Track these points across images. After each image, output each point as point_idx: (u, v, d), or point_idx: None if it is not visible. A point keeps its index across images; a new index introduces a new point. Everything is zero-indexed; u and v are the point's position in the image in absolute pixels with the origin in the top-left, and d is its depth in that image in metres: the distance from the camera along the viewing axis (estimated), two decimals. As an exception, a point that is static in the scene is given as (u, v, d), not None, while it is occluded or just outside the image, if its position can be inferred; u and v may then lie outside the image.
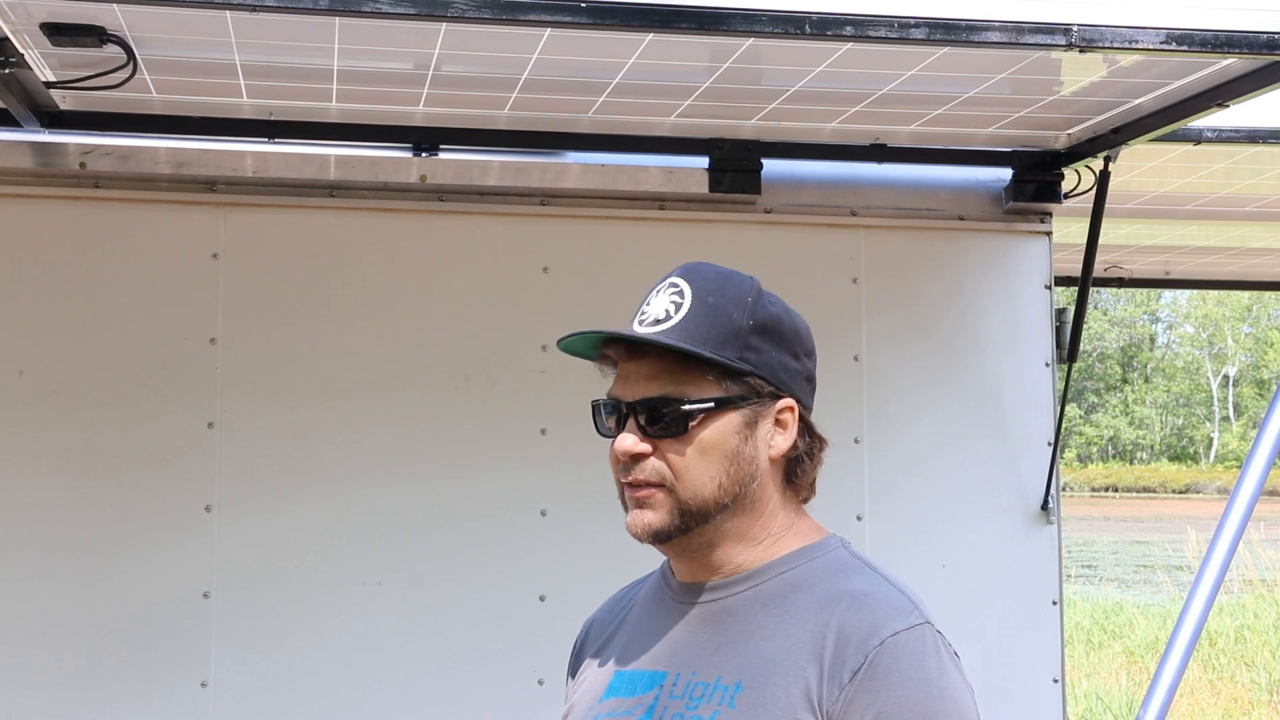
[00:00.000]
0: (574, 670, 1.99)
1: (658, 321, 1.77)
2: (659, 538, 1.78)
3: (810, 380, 1.86)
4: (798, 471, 1.84)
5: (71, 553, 3.59)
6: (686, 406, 1.75)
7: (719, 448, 1.76)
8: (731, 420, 1.77)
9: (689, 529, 1.77)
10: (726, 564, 1.81)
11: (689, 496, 1.76)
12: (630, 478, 1.77)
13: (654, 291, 1.82)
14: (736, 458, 1.77)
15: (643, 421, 1.76)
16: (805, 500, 1.87)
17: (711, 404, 1.76)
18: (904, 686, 1.65)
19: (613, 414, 1.81)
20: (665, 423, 1.75)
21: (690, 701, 1.73)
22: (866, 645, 1.67)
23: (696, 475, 1.76)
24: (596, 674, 1.89)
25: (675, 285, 1.80)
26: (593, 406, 1.85)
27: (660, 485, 1.76)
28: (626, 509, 1.80)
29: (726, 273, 1.83)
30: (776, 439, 1.81)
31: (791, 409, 1.81)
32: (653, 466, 1.76)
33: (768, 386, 1.79)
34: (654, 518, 1.77)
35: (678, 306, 1.77)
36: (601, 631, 1.97)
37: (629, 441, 1.76)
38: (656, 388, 1.76)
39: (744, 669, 1.72)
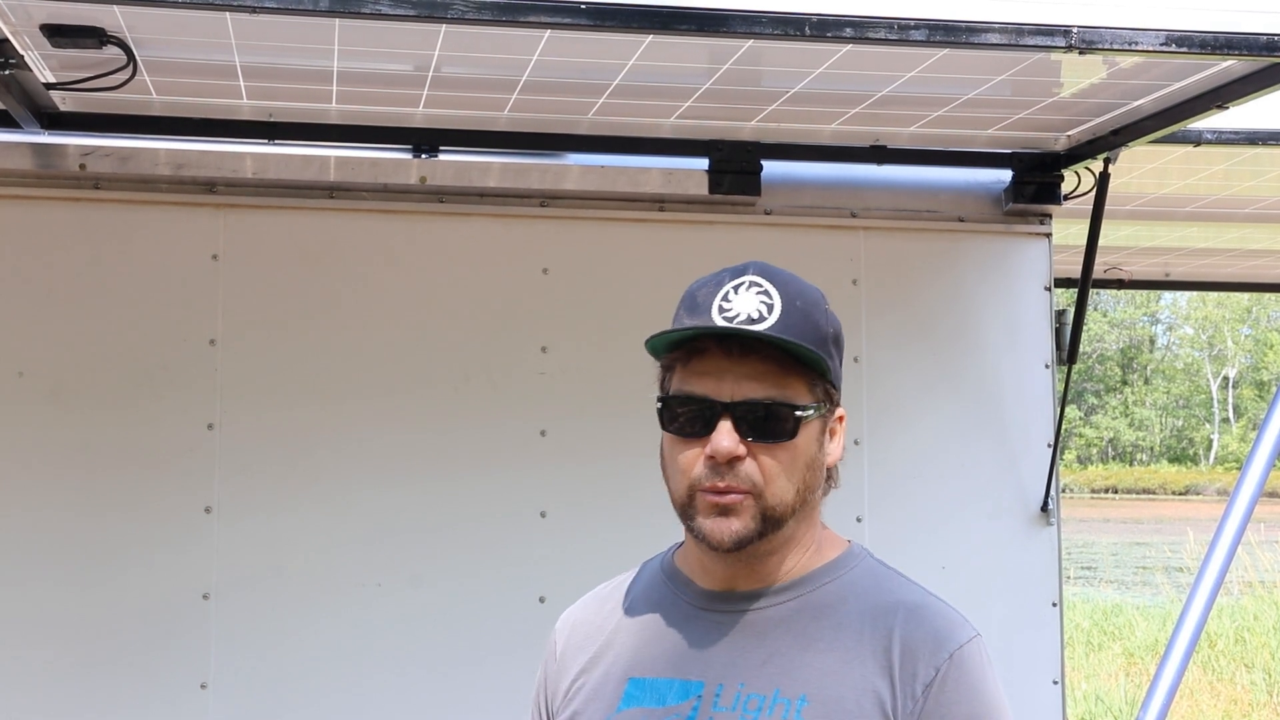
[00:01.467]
0: (557, 676, 1.91)
1: (753, 320, 1.71)
2: (742, 544, 1.72)
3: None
4: (830, 478, 1.83)
5: (71, 554, 3.59)
6: (799, 412, 1.72)
7: (806, 454, 1.74)
8: (816, 427, 1.76)
9: (765, 535, 1.74)
10: (775, 572, 1.78)
11: (776, 503, 1.72)
12: (724, 483, 1.70)
13: (728, 285, 1.74)
14: (813, 465, 1.76)
15: (743, 423, 1.70)
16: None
17: (812, 410, 1.74)
18: (974, 700, 1.71)
19: (700, 415, 1.72)
20: (772, 426, 1.71)
21: (745, 714, 1.70)
22: (936, 658, 1.70)
23: (785, 483, 1.73)
24: (601, 681, 1.83)
25: (759, 285, 1.74)
26: (667, 402, 1.76)
27: (748, 491, 1.71)
28: (696, 515, 1.73)
29: (796, 277, 1.79)
30: (831, 446, 1.80)
31: (842, 418, 1.82)
32: (746, 472, 1.71)
33: (837, 394, 1.79)
34: (740, 525, 1.71)
35: (769, 308, 1.72)
36: (590, 635, 1.90)
37: (729, 442, 1.69)
38: (761, 390, 1.71)
39: (805, 682, 1.70)
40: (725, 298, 1.73)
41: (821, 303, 1.79)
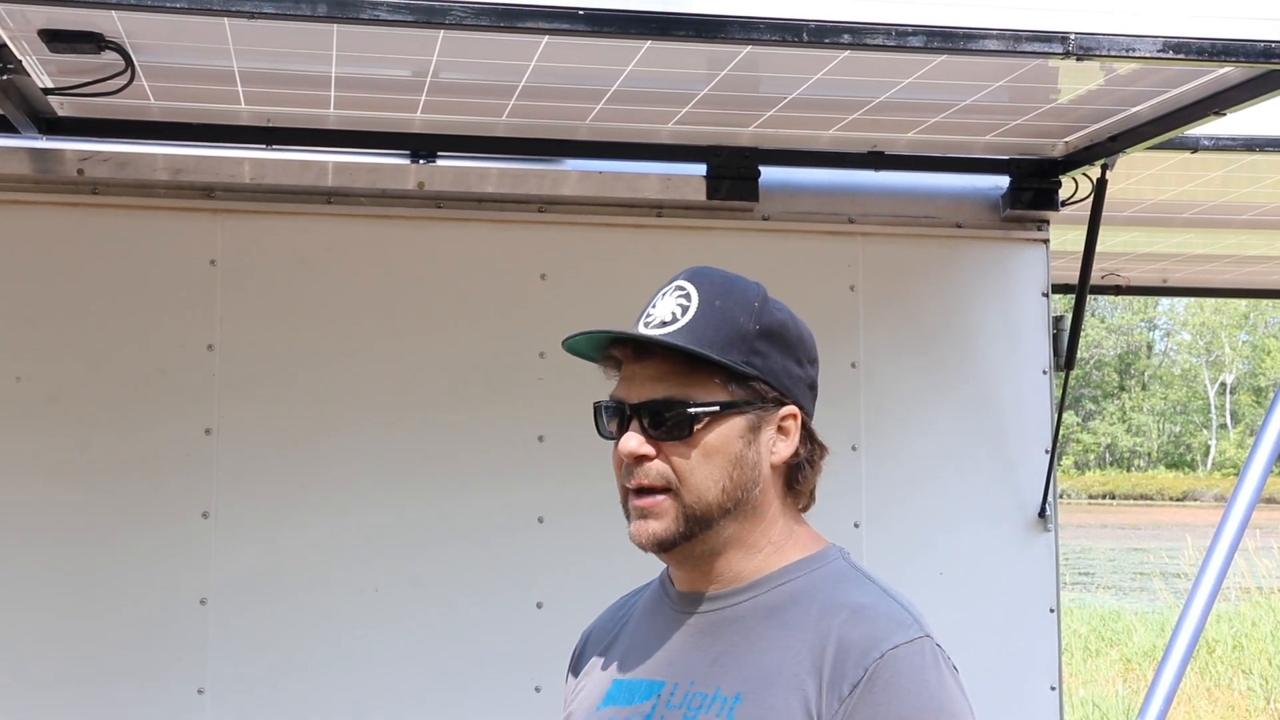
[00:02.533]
0: (571, 680, 1.98)
1: (664, 324, 1.76)
2: (663, 546, 1.76)
3: (813, 388, 1.86)
4: (798, 479, 1.83)
5: (69, 559, 3.58)
6: (692, 409, 1.74)
7: (723, 451, 1.76)
8: (736, 424, 1.77)
9: (692, 535, 1.76)
10: (727, 572, 1.80)
11: (693, 500, 1.75)
12: (634, 481, 1.76)
13: (660, 294, 1.81)
14: (740, 462, 1.77)
15: (647, 423, 1.75)
16: (805, 509, 1.86)
17: (716, 407, 1.75)
18: (903, 701, 1.64)
19: (615, 416, 1.79)
20: (670, 425, 1.75)
21: (688, 712, 1.72)
22: (866, 658, 1.66)
23: (700, 479, 1.75)
24: (595, 682, 1.88)
25: (682, 288, 1.79)
26: (595, 408, 1.84)
27: (665, 490, 1.75)
28: (629, 518, 1.78)
29: (733, 277, 1.83)
30: (779, 445, 1.80)
31: (794, 416, 1.81)
32: (657, 470, 1.75)
33: (771, 392, 1.79)
34: (658, 526, 1.75)
35: (684, 309, 1.77)
36: (601, 640, 1.96)
37: (633, 443, 1.75)
38: (662, 389, 1.76)
39: (744, 680, 1.71)
40: (652, 304, 1.81)
41: (750, 301, 1.80)
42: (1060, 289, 4.60)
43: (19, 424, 3.60)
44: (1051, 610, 4.00)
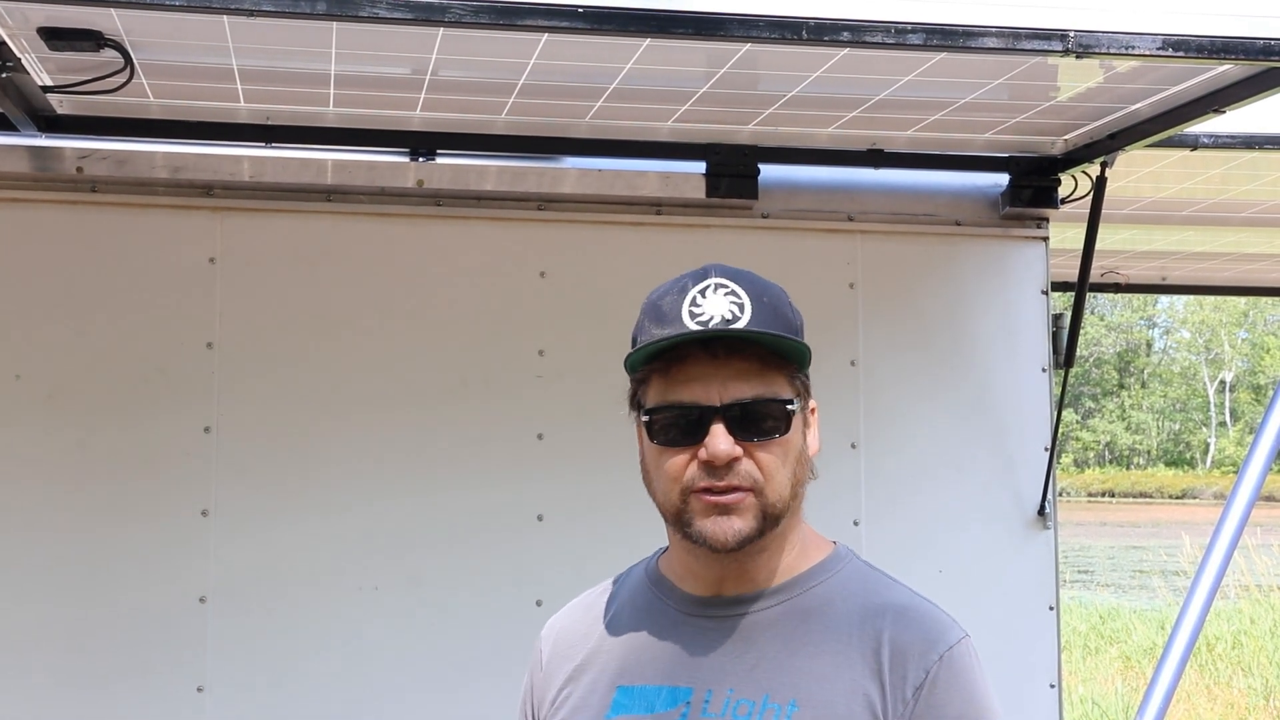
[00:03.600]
0: (544, 686, 1.91)
1: (728, 321, 1.71)
2: (744, 544, 1.72)
3: None
4: (813, 472, 1.83)
5: (67, 557, 3.58)
6: (790, 406, 1.73)
7: (796, 447, 1.76)
8: (800, 420, 1.77)
9: (764, 533, 1.74)
10: (762, 573, 1.78)
11: (775, 499, 1.73)
12: (725, 483, 1.70)
13: (693, 290, 1.74)
14: (802, 458, 1.78)
15: (735, 424, 1.71)
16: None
17: (796, 404, 1.75)
18: (964, 700, 1.70)
19: (681, 420, 1.72)
20: (764, 423, 1.72)
21: (735, 719, 1.70)
22: (926, 660, 1.70)
23: (782, 477, 1.74)
24: (589, 690, 1.82)
25: (725, 286, 1.74)
26: (652, 413, 1.75)
27: (750, 490, 1.72)
28: (693, 519, 1.72)
29: (755, 274, 1.80)
30: (810, 438, 1.81)
31: (814, 409, 1.82)
32: (746, 470, 1.71)
33: (809, 385, 1.80)
34: (743, 524, 1.72)
35: (740, 306, 1.72)
36: (575, 644, 1.89)
37: (725, 444, 1.69)
38: (749, 389, 1.71)
39: (794, 687, 1.70)
40: (694, 303, 1.73)
41: (785, 297, 1.80)
42: (1059, 286, 4.60)
43: (18, 422, 3.60)
44: (1051, 608, 4.00)
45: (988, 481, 4.00)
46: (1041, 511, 4.00)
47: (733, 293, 1.73)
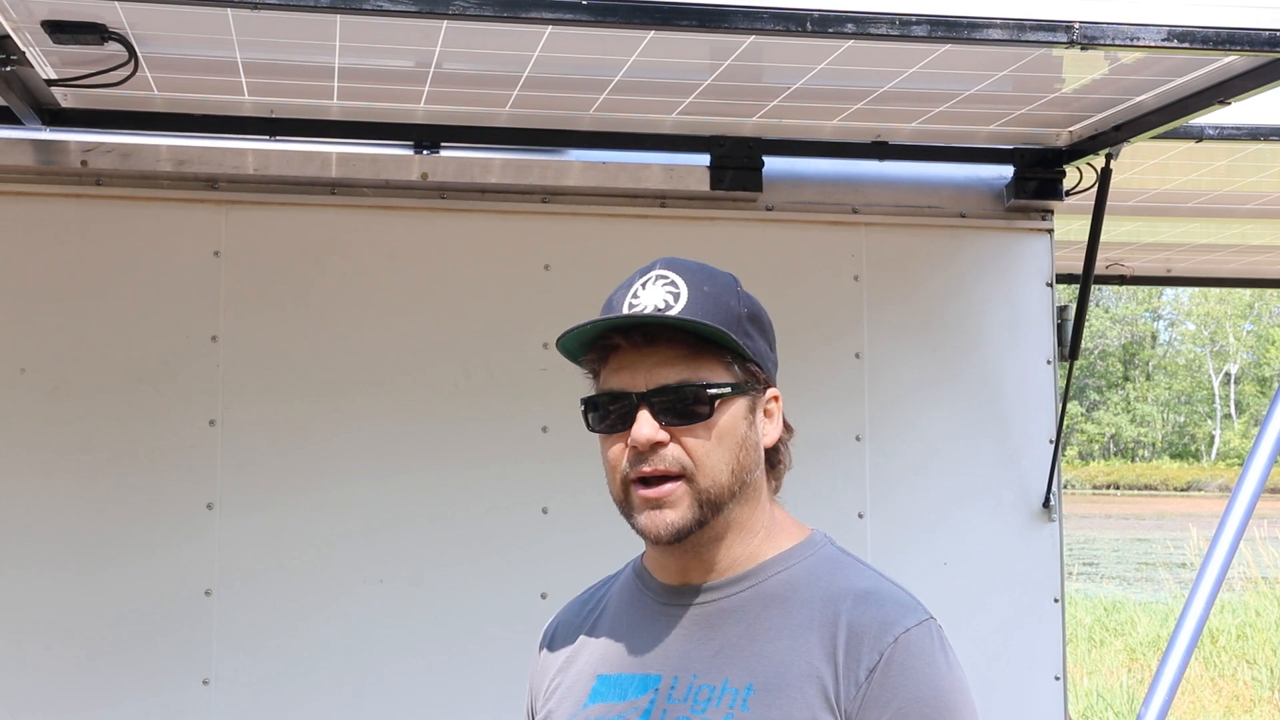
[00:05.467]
0: (540, 678, 1.95)
1: (659, 310, 1.75)
2: (681, 535, 1.74)
3: (776, 369, 1.88)
4: (777, 461, 1.85)
5: (73, 550, 3.59)
6: (712, 390, 1.74)
7: (732, 433, 1.76)
8: (740, 406, 1.78)
9: (705, 521, 1.75)
10: (724, 560, 1.80)
11: (709, 484, 1.74)
12: (650, 468, 1.73)
13: (638, 283, 1.79)
14: (745, 444, 1.78)
15: (660, 410, 1.73)
16: (776, 491, 1.88)
17: (729, 389, 1.76)
18: (920, 683, 1.67)
19: (613, 408, 1.76)
20: (688, 408, 1.73)
21: (696, 705, 1.72)
22: (880, 642, 1.69)
23: (715, 461, 1.74)
24: (575, 680, 1.87)
25: (664, 276, 1.78)
26: (586, 403, 1.80)
27: (679, 476, 1.74)
28: (633, 512, 1.76)
29: (706, 265, 1.83)
30: (767, 428, 1.82)
31: (777, 398, 1.84)
32: (672, 455, 1.73)
33: (762, 374, 1.81)
34: (674, 515, 1.74)
35: (675, 296, 1.76)
36: (569, 636, 1.94)
37: (648, 429, 1.72)
38: (674, 374, 1.74)
39: (753, 671, 1.71)
40: (634, 294, 1.78)
41: (733, 286, 1.82)
42: (1064, 279, 4.59)
43: (23, 415, 3.60)
44: (1056, 600, 4.00)
45: (992, 474, 4.00)
46: (1046, 504, 4.00)
47: (671, 283, 1.77)
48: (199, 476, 3.64)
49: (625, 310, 1.77)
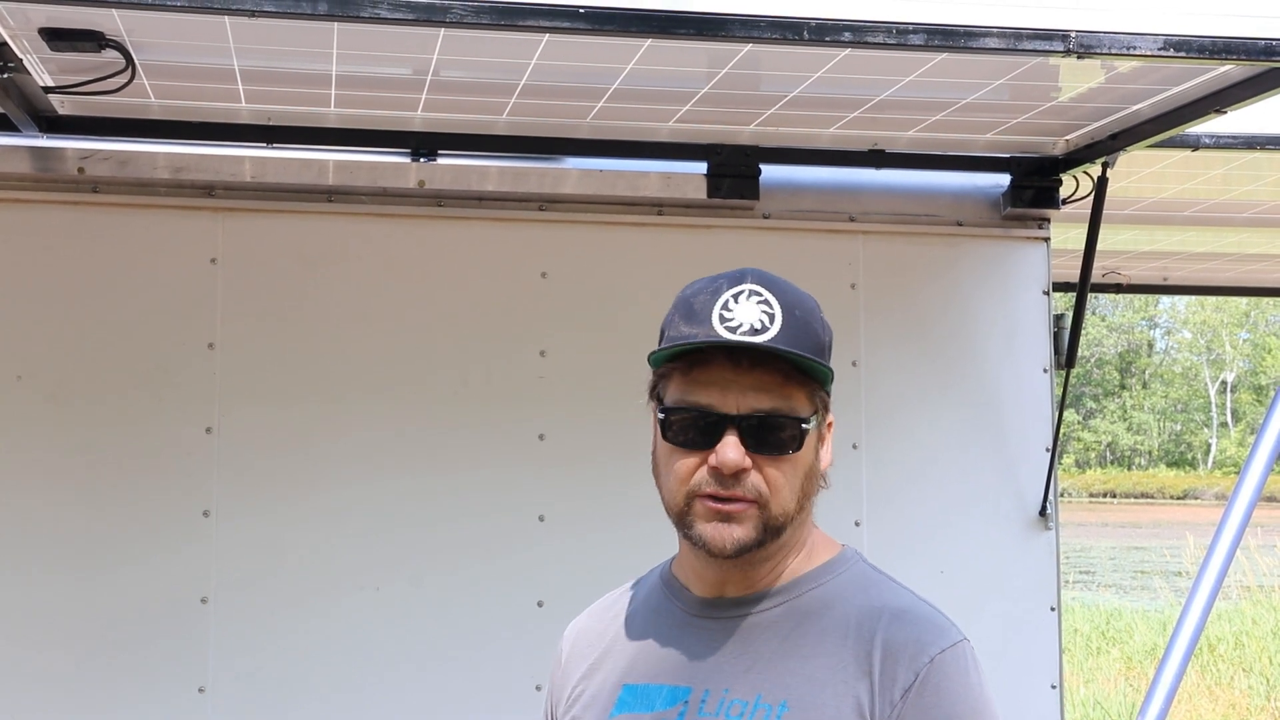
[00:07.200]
0: (562, 683, 1.93)
1: (755, 331, 1.70)
2: (742, 551, 1.72)
3: None
4: (824, 481, 1.83)
5: (69, 556, 3.59)
6: (804, 424, 1.72)
7: (806, 464, 1.75)
8: (814, 437, 1.76)
9: (764, 543, 1.74)
10: (765, 576, 1.78)
11: (778, 513, 1.73)
12: (729, 492, 1.70)
13: (726, 293, 1.73)
14: (812, 474, 1.77)
15: (748, 433, 1.70)
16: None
17: (813, 422, 1.74)
18: (952, 704, 1.68)
19: (703, 424, 1.71)
20: (777, 438, 1.71)
21: (728, 719, 1.71)
22: (916, 662, 1.69)
23: (788, 493, 1.73)
24: (599, 688, 1.85)
25: (759, 294, 1.73)
26: (669, 412, 1.75)
27: (754, 502, 1.72)
28: (695, 521, 1.73)
29: (792, 284, 1.80)
30: (824, 452, 1.80)
31: (831, 424, 1.81)
32: (752, 483, 1.71)
33: (829, 402, 1.79)
34: (742, 533, 1.71)
35: (771, 317, 1.72)
36: (592, 643, 1.91)
37: (735, 455, 1.69)
38: (766, 401, 1.71)
39: (787, 687, 1.71)
40: (725, 306, 1.72)
41: (817, 311, 1.80)
42: (1061, 287, 4.60)
43: (20, 422, 3.60)
44: (1052, 609, 4.00)
45: (989, 482, 4.00)
46: (1043, 512, 4.00)
47: (765, 301, 1.73)
48: (195, 483, 3.64)
49: (716, 322, 1.70)
